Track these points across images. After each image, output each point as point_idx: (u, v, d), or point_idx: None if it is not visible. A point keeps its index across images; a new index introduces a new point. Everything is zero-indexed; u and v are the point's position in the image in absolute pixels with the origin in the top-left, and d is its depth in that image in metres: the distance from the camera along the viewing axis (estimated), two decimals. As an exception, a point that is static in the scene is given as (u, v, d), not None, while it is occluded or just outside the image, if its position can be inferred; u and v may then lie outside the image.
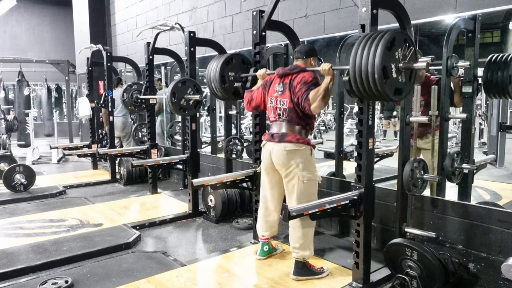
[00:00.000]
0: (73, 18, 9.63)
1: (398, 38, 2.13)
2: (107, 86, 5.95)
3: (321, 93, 2.49)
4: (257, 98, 2.95)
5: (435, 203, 2.87)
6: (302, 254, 2.69)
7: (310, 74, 2.65)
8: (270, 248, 3.06)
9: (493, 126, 4.58)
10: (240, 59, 3.43)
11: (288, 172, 2.70)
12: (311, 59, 2.80)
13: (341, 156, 3.96)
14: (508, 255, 2.41)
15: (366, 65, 2.07)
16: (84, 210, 4.46)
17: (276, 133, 2.76)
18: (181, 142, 5.59)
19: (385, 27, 3.25)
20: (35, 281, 2.72)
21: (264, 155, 2.86)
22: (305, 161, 2.68)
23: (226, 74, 3.33)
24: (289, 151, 2.66)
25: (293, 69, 2.72)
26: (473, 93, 3.00)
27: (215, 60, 3.40)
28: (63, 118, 11.85)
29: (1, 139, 7.19)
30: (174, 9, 6.49)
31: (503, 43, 3.62)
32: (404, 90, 2.23)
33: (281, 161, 2.70)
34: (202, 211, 4.27)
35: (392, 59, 2.11)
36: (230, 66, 3.35)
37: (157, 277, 2.77)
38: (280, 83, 2.77)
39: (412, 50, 2.21)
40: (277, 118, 2.79)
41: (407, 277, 2.47)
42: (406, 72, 2.21)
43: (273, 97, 2.81)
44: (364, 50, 2.10)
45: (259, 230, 3.02)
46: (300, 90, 2.60)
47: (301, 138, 2.68)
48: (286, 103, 2.71)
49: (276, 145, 2.71)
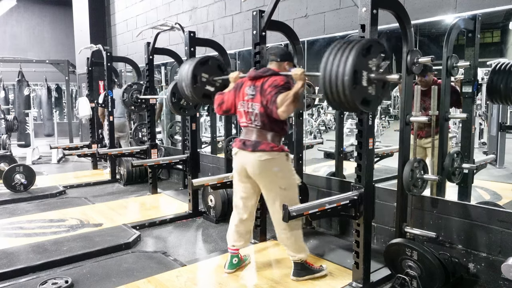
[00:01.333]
0: (73, 18, 9.63)
1: (375, 47, 2.05)
2: (107, 86, 5.95)
3: (289, 97, 2.38)
4: (228, 101, 2.81)
5: (435, 203, 2.87)
6: (299, 257, 2.67)
7: (282, 78, 2.53)
8: (239, 260, 2.89)
9: (493, 126, 4.58)
10: (217, 63, 3.31)
11: (266, 182, 2.62)
12: (286, 63, 2.69)
13: (341, 156, 3.96)
14: (508, 255, 2.41)
15: (337, 67, 1.99)
16: (84, 210, 4.46)
17: (248, 140, 2.63)
18: (181, 142, 5.59)
19: (385, 27, 3.26)
20: (35, 281, 2.72)
21: (236, 164, 2.72)
22: (282, 169, 2.59)
23: (199, 74, 3.19)
24: (264, 161, 2.55)
25: (265, 72, 2.60)
26: (473, 93, 3.00)
27: (190, 59, 3.30)
28: (63, 118, 11.85)
29: (1, 139, 7.19)
30: (174, 9, 6.49)
31: (503, 43, 3.62)
32: (372, 103, 2.10)
33: (257, 172, 2.59)
34: (202, 211, 4.27)
35: (365, 66, 2.01)
36: (205, 67, 3.22)
37: (157, 277, 2.77)
38: (252, 86, 2.62)
39: (387, 63, 2.12)
40: (249, 123, 2.65)
41: (407, 277, 2.47)
42: (377, 85, 2.10)
43: (244, 101, 2.67)
44: (338, 52, 2.02)
45: (229, 240, 2.86)
46: (270, 93, 2.47)
47: (275, 146, 2.56)
48: (257, 108, 2.57)
49: (250, 154, 2.58)
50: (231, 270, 2.84)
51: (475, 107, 3.07)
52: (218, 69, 3.32)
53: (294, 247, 2.66)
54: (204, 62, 3.22)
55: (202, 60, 3.21)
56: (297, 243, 2.66)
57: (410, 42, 2.56)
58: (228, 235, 2.88)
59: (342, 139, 3.94)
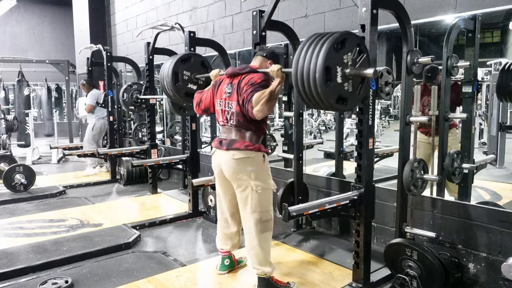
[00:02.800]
0: (73, 18, 9.63)
1: (350, 40, 1.92)
2: (107, 86, 5.95)
3: (265, 96, 2.25)
4: (206, 100, 2.70)
5: (435, 203, 2.87)
6: (264, 270, 2.49)
7: (260, 76, 2.40)
8: (232, 261, 2.83)
9: (493, 126, 4.58)
10: (200, 60, 3.20)
11: (239, 183, 2.47)
12: (269, 62, 2.55)
13: (341, 156, 3.97)
14: (508, 255, 2.41)
15: (309, 64, 1.85)
16: (84, 210, 4.46)
17: (224, 139, 2.52)
18: (181, 142, 5.59)
19: (385, 27, 3.26)
20: (35, 281, 2.72)
21: (214, 165, 2.61)
22: (257, 169, 2.45)
23: (180, 72, 3.09)
24: (238, 160, 2.43)
25: (243, 69, 2.48)
26: (473, 93, 3.00)
27: (172, 57, 3.22)
28: (63, 118, 11.84)
29: (1, 139, 7.19)
30: (174, 9, 6.49)
31: (503, 43, 3.62)
32: (349, 100, 1.98)
33: (231, 171, 2.47)
34: (202, 211, 4.27)
35: (338, 61, 1.89)
36: (187, 65, 3.13)
37: (157, 277, 2.77)
38: (229, 84, 2.51)
39: (364, 57, 1.98)
40: (225, 122, 2.54)
41: (407, 277, 2.47)
42: (354, 81, 1.98)
43: (222, 99, 2.56)
44: (309, 48, 1.89)
45: (218, 243, 2.81)
46: (246, 91, 2.35)
47: (250, 145, 2.44)
48: (233, 106, 2.46)
49: (224, 153, 2.47)
50: (222, 272, 2.81)
51: (475, 107, 3.07)
52: (201, 66, 3.21)
53: (260, 258, 2.48)
54: (186, 59, 3.12)
55: (183, 57, 3.12)
56: (264, 254, 2.49)
57: (410, 42, 2.56)
58: (216, 238, 2.84)
59: (342, 139, 3.94)
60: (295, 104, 3.53)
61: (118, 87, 6.59)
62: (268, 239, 2.54)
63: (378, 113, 6.42)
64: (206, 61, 3.30)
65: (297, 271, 2.85)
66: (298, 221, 3.69)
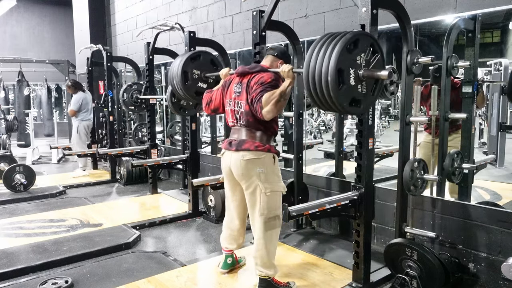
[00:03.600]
0: (73, 18, 9.62)
1: (363, 41, 1.86)
2: (107, 86, 5.95)
3: (275, 96, 2.20)
4: (216, 100, 2.66)
5: (435, 203, 2.87)
6: (267, 273, 2.48)
7: (270, 75, 2.35)
8: (234, 260, 2.84)
9: (493, 126, 4.58)
10: (209, 58, 3.13)
11: (248, 184, 2.43)
12: (280, 62, 2.50)
13: (341, 156, 3.96)
14: (508, 255, 2.41)
15: (321, 66, 1.79)
16: (84, 210, 4.46)
17: (234, 140, 2.47)
18: (181, 142, 5.59)
19: (385, 27, 3.26)
20: (35, 281, 2.72)
21: (223, 165, 2.57)
22: (267, 171, 2.40)
23: (190, 71, 3.03)
24: (247, 161, 2.38)
25: (253, 68, 2.44)
26: (473, 93, 3.00)
27: (181, 55, 3.15)
28: (63, 118, 11.84)
29: (1, 139, 7.19)
30: (174, 9, 6.49)
31: (503, 43, 3.62)
32: (363, 102, 1.92)
33: (240, 172, 2.42)
34: (202, 211, 4.27)
35: (351, 63, 1.83)
36: (196, 63, 3.07)
37: (157, 277, 2.77)
38: (239, 83, 2.47)
39: (378, 57, 1.91)
40: (235, 122, 2.50)
41: (407, 277, 2.47)
42: (368, 82, 1.91)
43: (231, 99, 2.51)
44: (321, 50, 1.83)
45: (223, 242, 2.79)
46: (255, 90, 2.31)
47: (260, 145, 2.39)
48: (243, 106, 2.41)
49: (234, 154, 2.43)
50: (225, 270, 2.81)
51: (475, 107, 3.07)
52: (211, 64, 3.16)
53: (265, 261, 2.46)
54: (195, 58, 3.07)
55: (192, 55, 3.07)
56: (269, 257, 2.47)
57: (410, 42, 2.56)
58: (221, 237, 2.82)
59: (342, 139, 3.93)
60: (295, 104, 3.53)
61: (118, 87, 6.59)
62: (274, 241, 2.52)
63: (378, 113, 6.42)
64: (216, 59, 3.26)
65: (297, 271, 2.85)
66: (298, 221, 3.69)
